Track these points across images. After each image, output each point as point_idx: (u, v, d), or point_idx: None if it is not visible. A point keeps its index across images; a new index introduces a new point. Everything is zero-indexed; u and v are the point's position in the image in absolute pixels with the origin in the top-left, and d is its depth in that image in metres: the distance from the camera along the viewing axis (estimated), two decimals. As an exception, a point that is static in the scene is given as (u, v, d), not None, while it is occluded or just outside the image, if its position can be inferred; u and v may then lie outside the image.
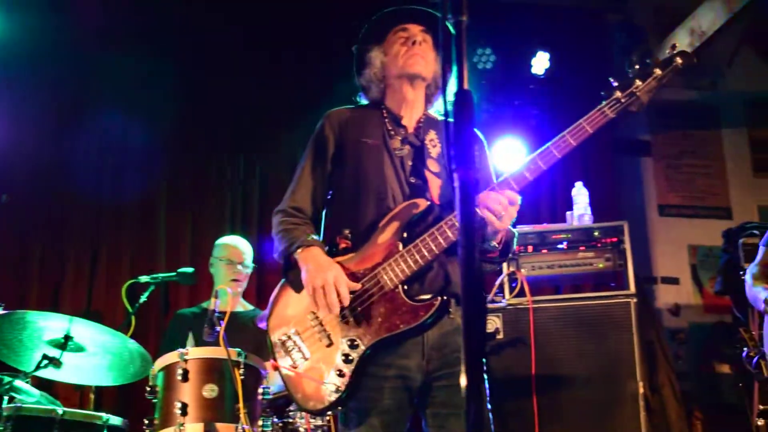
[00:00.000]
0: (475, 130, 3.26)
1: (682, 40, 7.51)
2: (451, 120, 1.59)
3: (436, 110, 3.34)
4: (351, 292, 2.93)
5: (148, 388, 4.17)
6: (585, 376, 5.17)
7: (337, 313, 2.92)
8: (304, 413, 4.57)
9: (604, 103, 2.87)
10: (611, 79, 2.88)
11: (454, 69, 3.30)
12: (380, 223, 3.02)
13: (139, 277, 5.30)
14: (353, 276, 2.97)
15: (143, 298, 5.16)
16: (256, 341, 5.13)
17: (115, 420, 4.47)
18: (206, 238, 6.40)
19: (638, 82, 2.85)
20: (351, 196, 3.14)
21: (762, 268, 3.70)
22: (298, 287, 3.02)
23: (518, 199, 2.83)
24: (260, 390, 4.27)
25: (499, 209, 2.78)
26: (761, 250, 3.77)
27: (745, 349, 5.31)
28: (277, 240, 3.15)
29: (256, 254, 5.80)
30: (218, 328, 4.03)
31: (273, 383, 4.93)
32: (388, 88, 3.30)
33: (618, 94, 2.86)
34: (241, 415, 3.86)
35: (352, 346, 2.91)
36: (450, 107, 1.57)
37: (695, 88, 8.64)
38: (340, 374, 2.90)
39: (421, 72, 3.19)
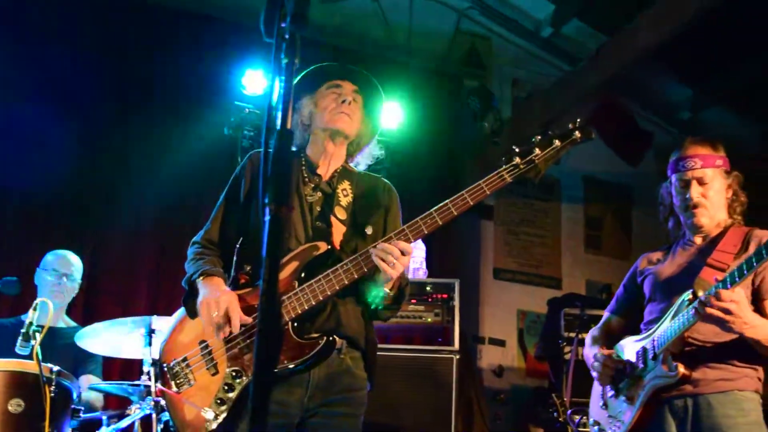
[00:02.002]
0: (389, 184, 3.36)
1: (535, 113, 7.89)
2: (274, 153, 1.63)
3: (356, 163, 3.42)
4: (242, 324, 2.95)
5: (-51, 399, 3.98)
6: (402, 427, 5.25)
7: (224, 338, 2.95)
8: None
9: (503, 167, 2.95)
10: (514, 146, 2.96)
11: (375, 125, 3.39)
12: (281, 262, 3.04)
13: (-43, 284, 5.06)
14: (248, 308, 3.00)
15: (-41, 305, 4.93)
16: (75, 359, 4.99)
17: None
18: (38, 251, 6.18)
19: (538, 151, 2.93)
20: (255, 235, 3.16)
21: (602, 332, 3.89)
22: (194, 314, 3.05)
23: (411, 249, 2.91)
24: (70, 410, 4.15)
25: (390, 259, 2.85)
26: (605, 315, 3.97)
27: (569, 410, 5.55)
28: (186, 268, 3.17)
29: (88, 274, 5.65)
30: (33, 342, 3.90)
31: (89, 403, 4.80)
32: (311, 137, 3.35)
33: (517, 160, 2.93)
34: (46, 434, 3.75)
35: (237, 376, 2.95)
36: (270, 144, 1.61)
37: (541, 161, 9.02)
38: (221, 403, 2.92)
39: (344, 130, 3.25)
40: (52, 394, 3.90)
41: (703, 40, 7.45)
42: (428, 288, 5.60)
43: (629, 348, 3.56)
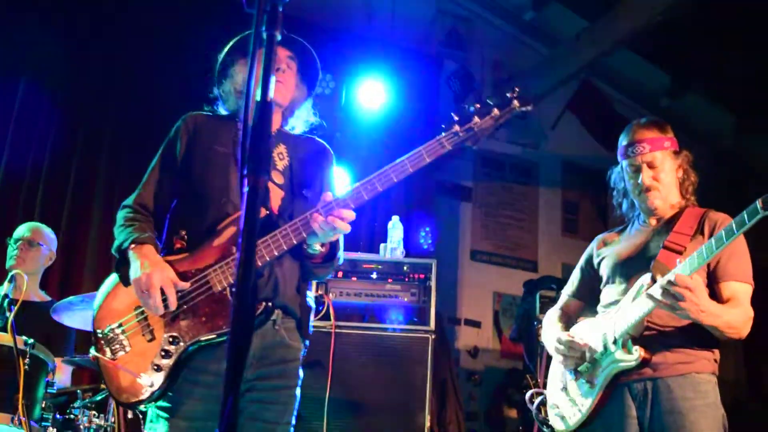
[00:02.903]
0: (324, 143, 3.37)
1: (514, 97, 7.90)
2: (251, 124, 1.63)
3: (291, 127, 3.39)
4: (179, 291, 2.93)
5: None
6: (377, 404, 5.28)
7: (161, 315, 2.92)
8: (88, 411, 4.48)
9: (443, 134, 2.97)
10: (452, 114, 2.99)
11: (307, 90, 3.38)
12: (218, 227, 3.04)
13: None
14: (183, 275, 2.97)
15: (-70, 277, 4.89)
16: (49, 333, 4.97)
17: None
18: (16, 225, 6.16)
19: (476, 119, 2.96)
20: (193, 199, 3.14)
21: (559, 313, 3.92)
22: (128, 282, 3.00)
23: (353, 216, 2.91)
24: (44, 383, 4.14)
25: (328, 228, 2.86)
26: (562, 296, 4.00)
27: (530, 391, 5.61)
28: (116, 234, 3.11)
29: (66, 248, 5.62)
30: (8, 314, 3.89)
31: (59, 379, 4.79)
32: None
33: (456, 127, 2.95)
34: (19, 406, 3.74)
35: (173, 342, 2.92)
36: (250, 115, 1.61)
37: (520, 144, 9.11)
38: (158, 369, 2.90)
39: (278, 99, 3.24)
40: (26, 367, 3.89)
41: (681, 29, 7.51)
42: (405, 268, 5.61)
43: (588, 331, 3.58)
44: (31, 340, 3.98)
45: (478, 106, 3.00)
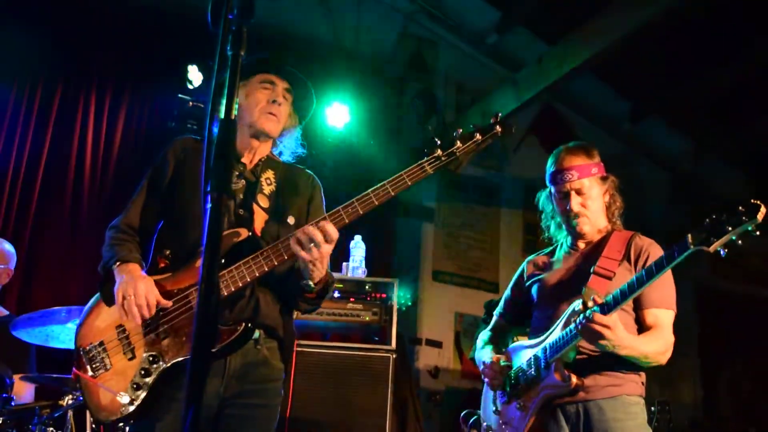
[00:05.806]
0: (312, 174, 3.38)
1: (474, 120, 7.97)
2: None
3: (279, 152, 3.42)
4: (161, 309, 2.94)
5: None
6: (337, 423, 5.29)
7: (142, 322, 2.93)
8: (46, 428, 4.44)
9: (425, 159, 2.97)
10: (435, 138, 3.00)
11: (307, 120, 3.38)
12: (200, 248, 3.02)
13: None
14: (167, 294, 2.98)
15: None
16: (8, 349, 4.92)
17: None
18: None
19: (459, 144, 2.96)
20: (177, 220, 3.16)
21: (492, 334, 3.96)
22: (111, 301, 3.01)
23: (335, 235, 2.88)
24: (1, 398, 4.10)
25: (307, 244, 2.84)
26: (494, 318, 4.03)
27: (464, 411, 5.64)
28: (103, 253, 3.14)
29: (23, 261, 5.56)
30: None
31: (21, 396, 4.75)
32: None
33: (439, 152, 2.96)
34: (-24, 422, 3.71)
35: (153, 361, 2.93)
36: (213, 133, 1.63)
37: (483, 167, 9.18)
38: (137, 388, 2.91)
39: (271, 132, 3.26)
40: (-18, 382, 3.85)
41: (642, 55, 7.65)
42: (367, 287, 5.64)
43: (520, 353, 3.63)
44: (-13, 356, 3.95)
45: (461, 130, 3.01)
